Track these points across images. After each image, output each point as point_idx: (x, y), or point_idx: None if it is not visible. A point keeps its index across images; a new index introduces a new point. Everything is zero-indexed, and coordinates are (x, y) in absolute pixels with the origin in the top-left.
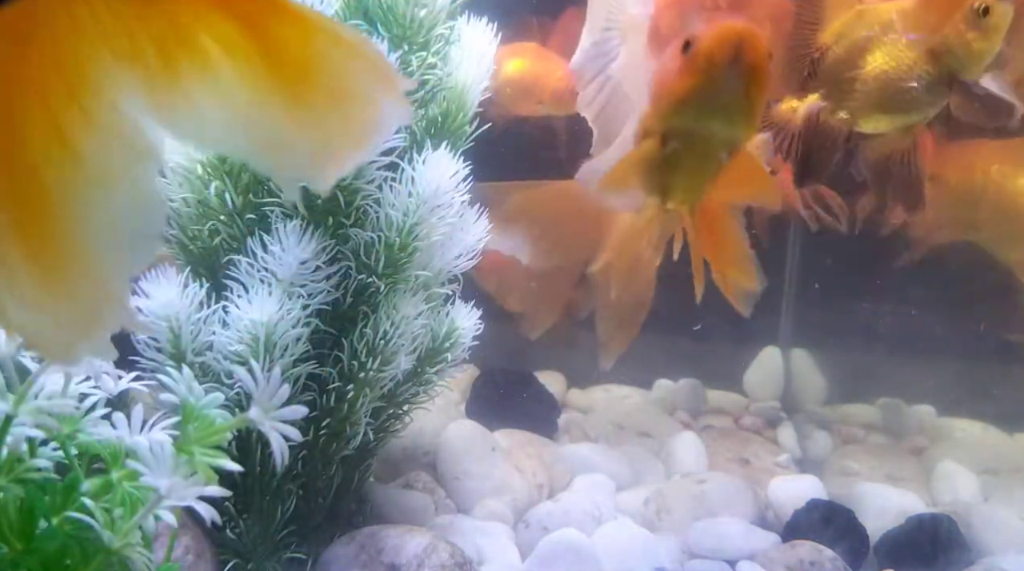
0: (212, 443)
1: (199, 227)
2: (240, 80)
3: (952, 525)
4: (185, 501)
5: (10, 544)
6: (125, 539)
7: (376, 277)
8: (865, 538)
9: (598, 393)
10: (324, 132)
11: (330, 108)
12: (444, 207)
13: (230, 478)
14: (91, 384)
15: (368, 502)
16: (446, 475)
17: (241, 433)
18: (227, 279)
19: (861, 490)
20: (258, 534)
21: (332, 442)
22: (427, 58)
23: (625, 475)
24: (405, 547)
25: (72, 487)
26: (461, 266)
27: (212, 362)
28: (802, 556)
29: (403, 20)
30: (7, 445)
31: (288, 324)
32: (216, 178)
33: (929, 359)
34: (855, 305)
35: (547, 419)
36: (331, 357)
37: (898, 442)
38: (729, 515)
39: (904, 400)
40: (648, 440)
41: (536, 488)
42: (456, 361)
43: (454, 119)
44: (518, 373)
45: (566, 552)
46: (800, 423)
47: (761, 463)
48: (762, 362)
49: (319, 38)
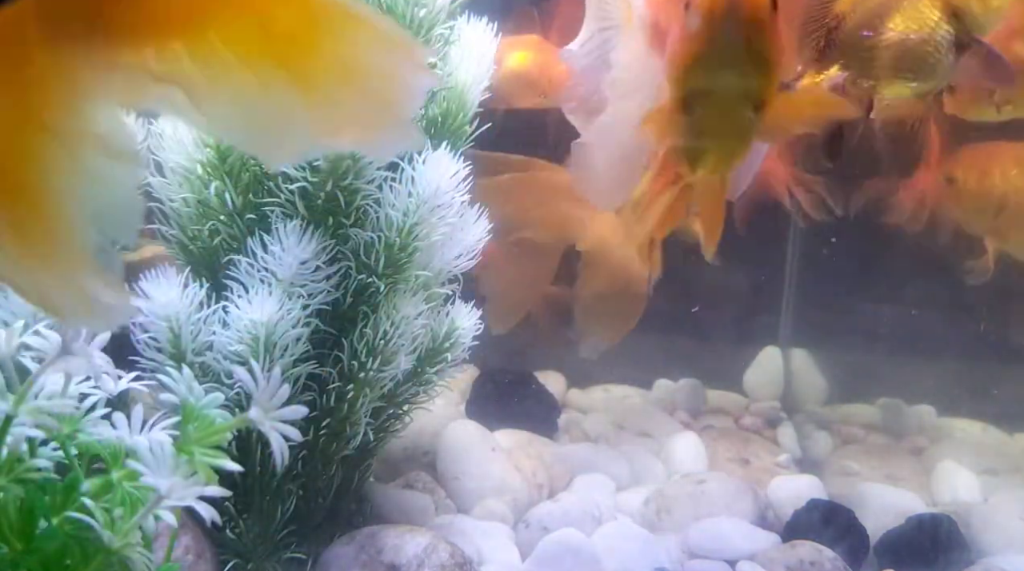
0: (212, 443)
1: (199, 227)
2: (238, 59)
3: (952, 525)
4: (185, 501)
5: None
6: (125, 539)
7: (376, 277)
8: (865, 538)
9: (598, 393)
10: (340, 108)
11: (343, 83)
12: (444, 207)
13: (230, 478)
14: (91, 384)
15: (368, 502)
16: (446, 475)
17: (241, 433)
18: (227, 279)
19: (861, 490)
20: (258, 534)
21: (332, 442)
22: None
23: (625, 475)
24: (405, 547)
25: (72, 487)
26: (461, 266)
27: (212, 362)
28: (802, 556)
29: (403, 20)
30: (7, 445)
31: (288, 324)
32: (216, 178)
33: (929, 359)
34: (855, 305)
35: (547, 419)
36: (331, 357)
37: (898, 442)
38: (729, 515)
39: (904, 400)
40: (648, 440)
41: (536, 488)
42: (456, 361)
43: (454, 119)
44: (518, 373)
45: (566, 552)
46: (800, 423)
47: (761, 463)
48: (762, 362)
49: (323, 13)
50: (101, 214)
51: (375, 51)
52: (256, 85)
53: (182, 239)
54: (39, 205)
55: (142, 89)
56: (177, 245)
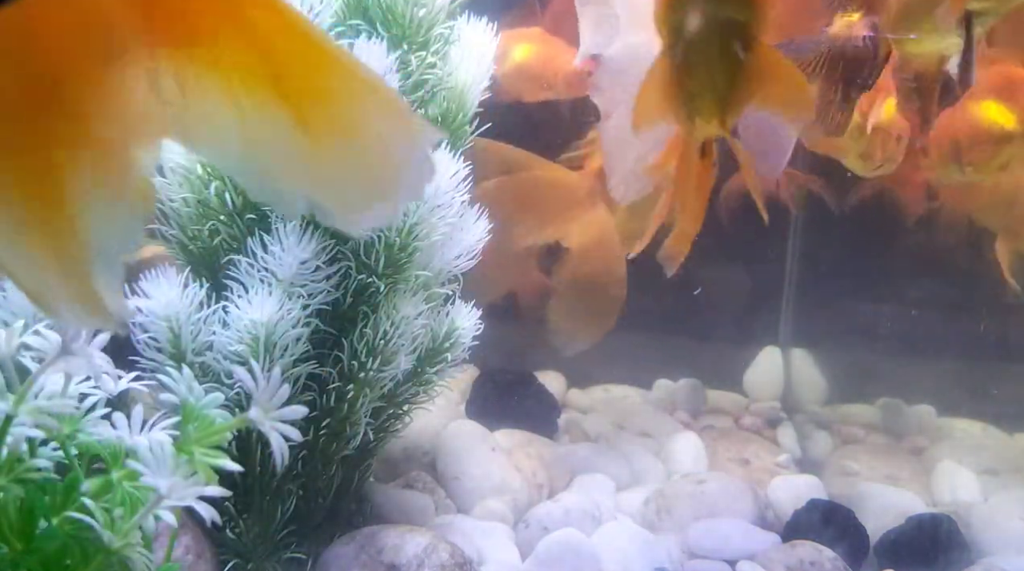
0: (212, 443)
1: (199, 227)
2: (247, 94)
3: (952, 525)
4: (185, 501)
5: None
6: (125, 539)
7: (376, 277)
8: (865, 538)
9: (598, 393)
10: (339, 165)
11: (346, 139)
12: (444, 207)
13: (230, 478)
14: (91, 384)
15: (368, 502)
16: (446, 475)
17: (241, 433)
18: (227, 279)
19: (861, 490)
20: (258, 534)
21: (332, 442)
22: (426, 58)
23: (625, 475)
24: (405, 547)
25: (72, 487)
26: (461, 266)
27: (212, 362)
28: (802, 556)
29: (402, 19)
30: (7, 445)
31: (288, 324)
32: (216, 178)
33: (929, 359)
34: (855, 305)
35: (547, 419)
36: (331, 357)
37: (898, 442)
38: (729, 515)
39: (904, 400)
40: (648, 440)
41: (536, 488)
42: (456, 361)
43: (454, 119)
44: (518, 373)
45: (566, 552)
46: (800, 423)
47: (761, 463)
48: (762, 362)
49: (336, 68)
50: (110, 218)
51: (382, 117)
52: (258, 115)
53: (182, 239)
54: (59, 209)
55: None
56: (177, 245)
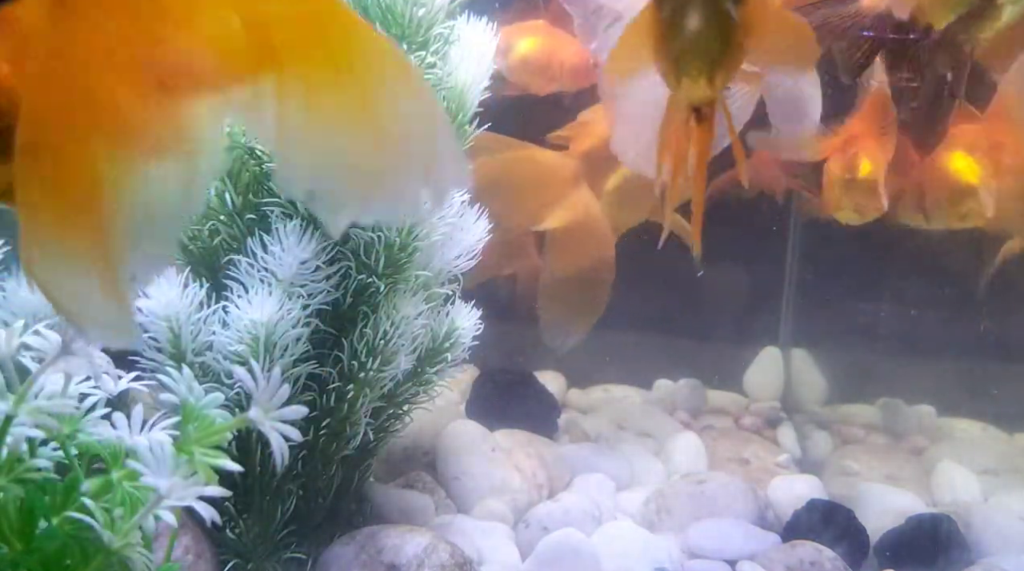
0: (212, 443)
1: (199, 227)
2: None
3: (952, 525)
4: (185, 501)
5: (10, 544)
6: (125, 539)
7: (376, 277)
8: (865, 538)
9: (598, 393)
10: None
11: (389, 136)
12: (444, 207)
13: (230, 478)
14: (91, 384)
15: (368, 502)
16: (446, 475)
17: (241, 433)
18: (227, 279)
19: (861, 490)
20: (258, 534)
21: (332, 442)
22: (426, 57)
23: (625, 475)
24: (405, 547)
25: (72, 487)
26: (461, 266)
27: (212, 362)
28: (802, 556)
29: (402, 19)
30: (7, 445)
31: (288, 324)
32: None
33: (929, 359)
34: (855, 305)
35: (547, 419)
36: (331, 357)
37: (898, 442)
38: (729, 515)
39: (904, 400)
40: (648, 440)
41: (536, 488)
42: (456, 361)
43: (454, 119)
44: (518, 373)
45: (566, 552)
46: (800, 423)
47: (761, 463)
48: (762, 362)
49: (390, 63)
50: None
51: (422, 121)
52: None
53: (182, 239)
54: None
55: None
56: (177, 245)
